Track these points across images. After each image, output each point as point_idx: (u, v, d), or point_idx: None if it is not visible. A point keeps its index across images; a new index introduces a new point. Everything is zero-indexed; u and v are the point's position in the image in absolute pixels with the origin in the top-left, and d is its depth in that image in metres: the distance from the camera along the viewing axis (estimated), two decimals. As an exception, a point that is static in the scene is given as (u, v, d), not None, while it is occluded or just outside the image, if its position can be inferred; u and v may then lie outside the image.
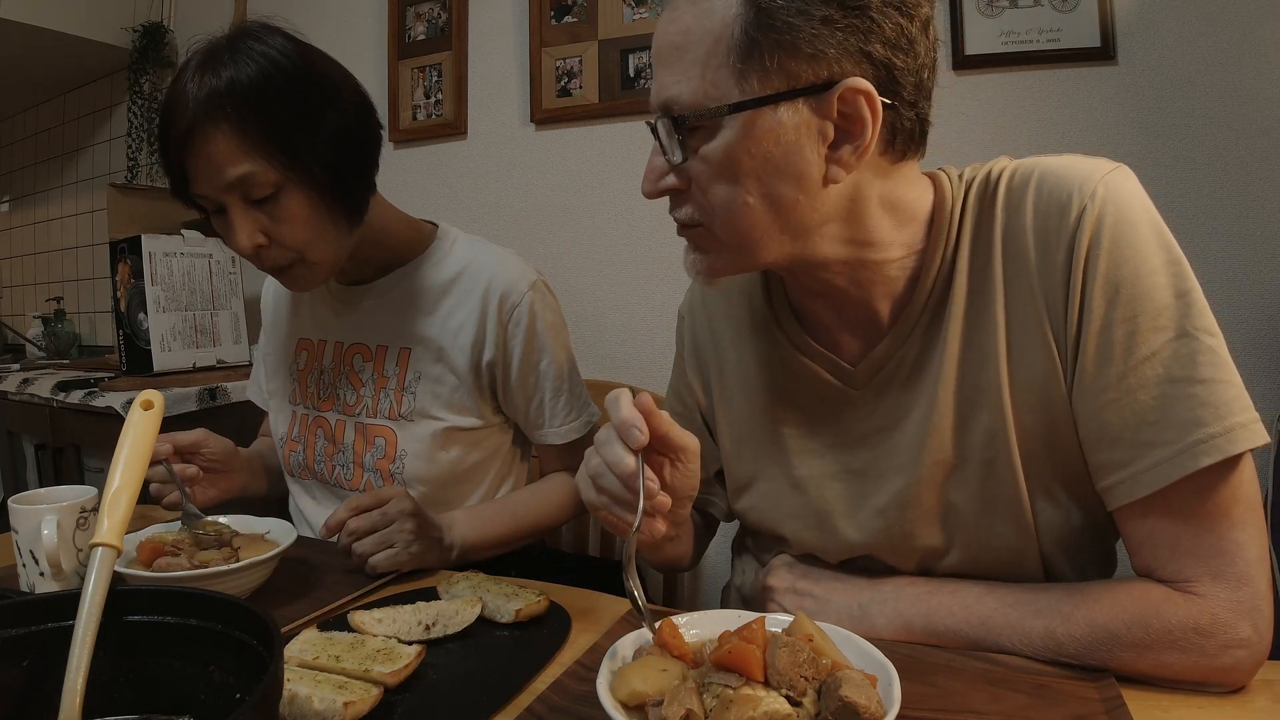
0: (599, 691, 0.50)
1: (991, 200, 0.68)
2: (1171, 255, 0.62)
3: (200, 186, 0.88)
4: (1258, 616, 0.58)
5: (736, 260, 0.69)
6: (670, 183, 0.67)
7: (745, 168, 0.63)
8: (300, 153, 0.87)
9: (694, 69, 0.62)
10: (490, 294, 1.04)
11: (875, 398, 0.73)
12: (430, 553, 0.90)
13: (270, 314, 1.22)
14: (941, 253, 0.69)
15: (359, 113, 0.94)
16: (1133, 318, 0.61)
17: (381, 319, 1.08)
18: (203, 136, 0.84)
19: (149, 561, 0.77)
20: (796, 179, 0.63)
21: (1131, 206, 0.63)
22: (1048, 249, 0.64)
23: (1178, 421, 0.59)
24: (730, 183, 0.64)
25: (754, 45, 0.60)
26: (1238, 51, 1.36)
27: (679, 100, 0.63)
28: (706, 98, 0.62)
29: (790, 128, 0.61)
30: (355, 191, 0.95)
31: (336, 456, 1.08)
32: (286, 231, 0.90)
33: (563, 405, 1.09)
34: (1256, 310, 1.37)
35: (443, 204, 2.03)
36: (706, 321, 0.88)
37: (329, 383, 1.10)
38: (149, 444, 0.60)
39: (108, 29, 2.39)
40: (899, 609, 0.68)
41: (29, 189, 3.07)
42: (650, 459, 0.65)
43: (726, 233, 0.66)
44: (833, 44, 0.59)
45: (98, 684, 0.47)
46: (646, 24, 1.76)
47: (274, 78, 0.85)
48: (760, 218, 0.65)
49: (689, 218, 0.68)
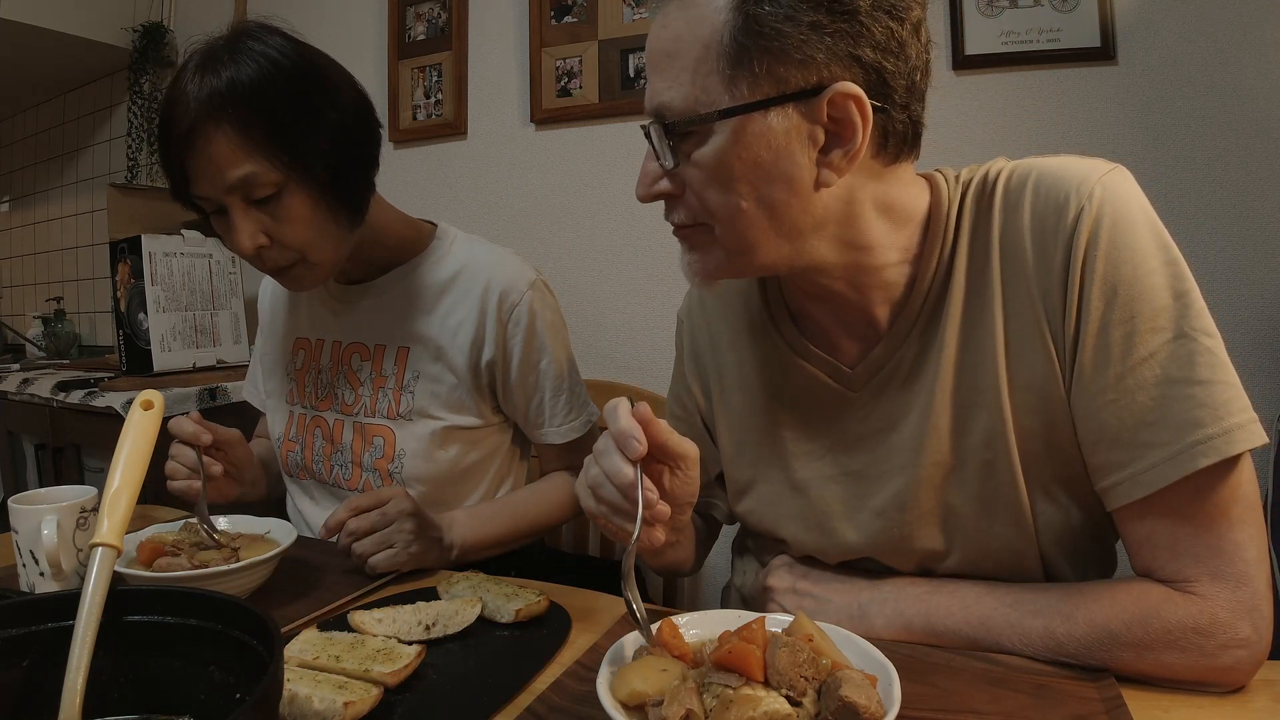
0: (599, 691, 0.50)
1: (989, 201, 0.68)
2: (1169, 256, 0.61)
3: (201, 187, 0.87)
4: (1257, 616, 0.58)
5: (734, 262, 0.69)
6: (664, 187, 0.68)
7: (737, 173, 0.63)
8: (302, 152, 0.87)
9: (684, 75, 0.62)
10: (490, 293, 1.04)
11: (873, 399, 0.73)
12: (430, 553, 0.90)
13: (268, 314, 1.22)
14: (938, 255, 0.69)
15: (359, 112, 0.94)
16: (1130, 318, 0.61)
17: (380, 318, 1.08)
18: (204, 137, 0.84)
19: (149, 561, 0.77)
20: (788, 183, 0.63)
21: (1129, 207, 0.63)
22: (1045, 250, 0.64)
23: (1176, 422, 0.59)
24: (723, 188, 0.64)
25: (743, 51, 0.60)
26: (1238, 51, 1.36)
27: (670, 106, 0.63)
28: (697, 103, 0.62)
29: (780, 133, 0.61)
30: (356, 191, 0.95)
31: (335, 456, 1.08)
32: (288, 232, 0.90)
33: (563, 404, 1.09)
34: (1256, 310, 1.36)
35: (443, 204, 2.03)
36: (705, 325, 0.88)
37: (327, 382, 1.10)
38: (149, 444, 0.60)
39: (108, 29, 2.39)
40: (899, 609, 0.68)
41: (29, 189, 3.07)
42: (650, 467, 0.65)
43: (726, 235, 0.67)
44: (821, 49, 0.59)
45: (98, 684, 0.47)
46: (646, 24, 1.75)
47: (274, 77, 0.85)
48: (755, 221, 0.65)
49: (684, 220, 0.68)
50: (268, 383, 1.19)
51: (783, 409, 0.79)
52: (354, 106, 0.93)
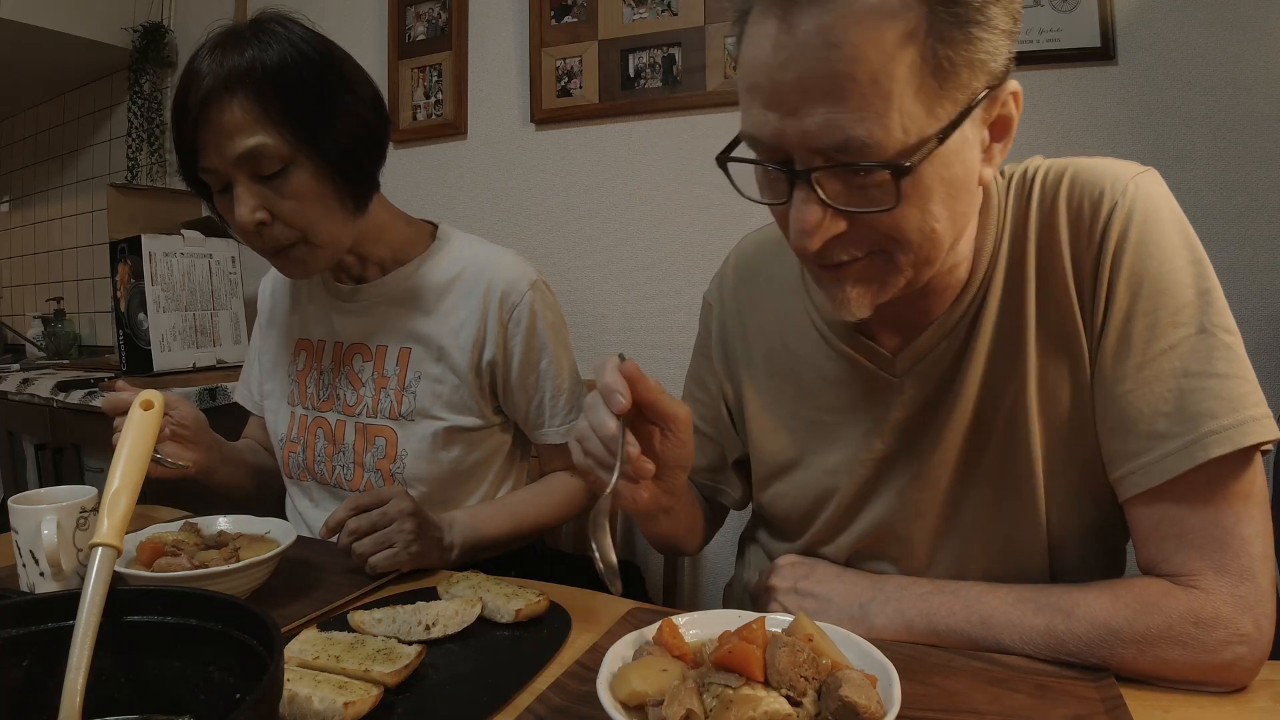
0: (599, 691, 0.50)
1: (1027, 197, 0.70)
2: (1195, 255, 0.63)
3: (209, 159, 0.88)
4: (1260, 613, 0.58)
5: (912, 282, 0.64)
6: (837, 230, 0.59)
7: (936, 194, 0.58)
8: (315, 129, 0.89)
9: (880, 102, 0.53)
10: (491, 293, 1.04)
11: (913, 387, 0.74)
12: (430, 552, 0.90)
13: (267, 314, 1.21)
14: (990, 249, 0.70)
15: (373, 102, 0.97)
16: (1154, 311, 0.62)
17: (381, 319, 1.08)
18: (219, 107, 0.85)
19: (149, 561, 0.77)
20: (969, 192, 0.62)
21: (1160, 206, 0.64)
22: (1080, 242, 0.66)
23: (1191, 413, 0.60)
24: (921, 212, 0.58)
25: (950, 66, 0.54)
26: (1238, 51, 1.36)
27: (869, 142, 0.54)
28: (904, 133, 0.54)
29: (969, 143, 0.59)
30: (363, 177, 0.97)
31: (337, 457, 1.08)
32: (291, 209, 0.90)
33: (563, 404, 1.09)
34: (1257, 310, 1.36)
35: (443, 204, 2.03)
36: (737, 311, 0.88)
37: (328, 383, 1.10)
38: (149, 444, 0.60)
39: (108, 29, 2.39)
40: (900, 609, 0.68)
41: (29, 189, 3.07)
42: (641, 427, 0.66)
43: (912, 259, 0.61)
44: (1004, 52, 0.57)
45: (98, 684, 0.47)
46: (646, 24, 1.76)
47: (297, 59, 0.88)
48: (945, 238, 0.61)
49: (857, 254, 0.61)
50: (267, 382, 1.19)
51: (819, 395, 0.79)
52: (369, 97, 0.96)
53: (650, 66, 1.76)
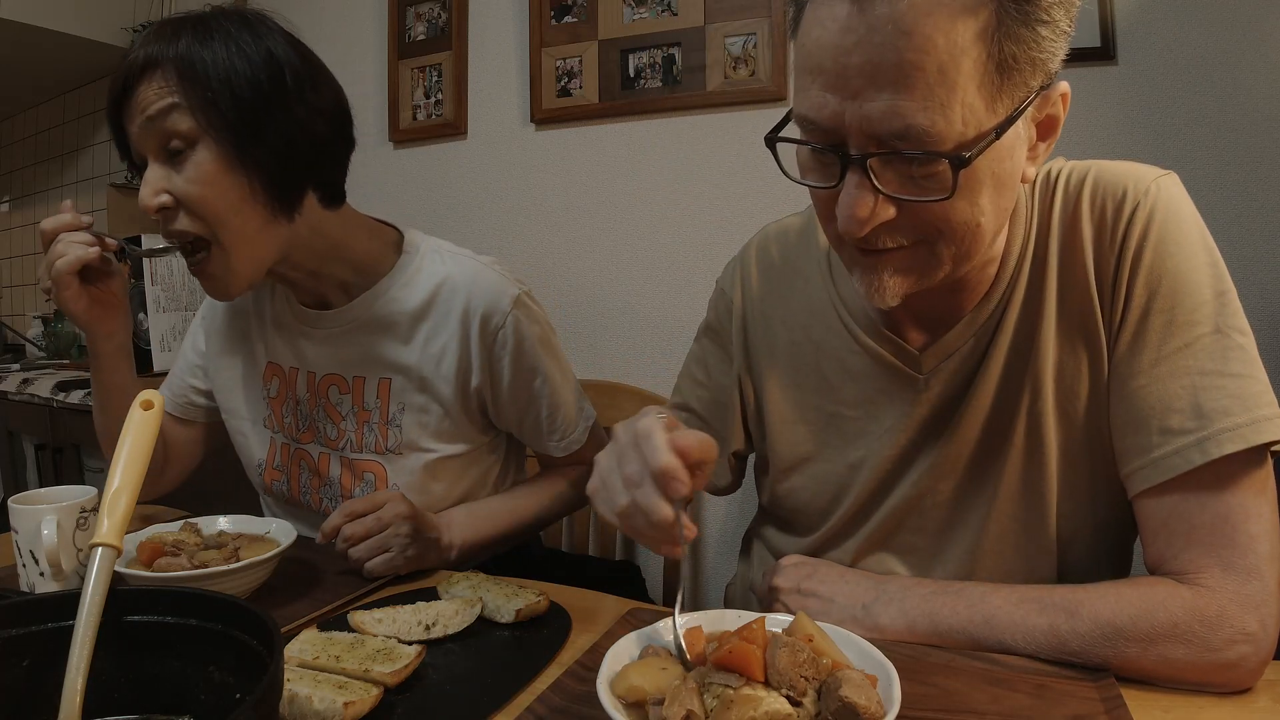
0: (599, 691, 0.50)
1: (1051, 198, 0.70)
2: (1213, 258, 0.65)
3: (131, 132, 0.86)
4: (1265, 612, 0.58)
5: (949, 275, 0.64)
6: (887, 217, 0.59)
7: (987, 186, 0.58)
8: (232, 118, 0.83)
9: (945, 93, 0.53)
10: (470, 316, 0.97)
11: (938, 383, 0.74)
12: (428, 554, 0.89)
13: (222, 326, 1.11)
14: (1019, 247, 0.70)
15: (332, 116, 0.90)
16: (1171, 309, 0.64)
17: (355, 348, 1.00)
18: (142, 82, 0.83)
19: (149, 561, 0.77)
20: (1013, 187, 0.62)
21: (1180, 209, 0.66)
22: (1102, 241, 0.67)
23: (1205, 410, 0.61)
24: (969, 204, 0.58)
25: (1012, 62, 0.54)
26: (1238, 51, 1.36)
27: (930, 132, 0.54)
28: (964, 125, 0.55)
29: (1022, 139, 0.60)
30: (293, 183, 0.89)
31: (324, 490, 1.04)
32: (194, 193, 0.84)
33: (561, 419, 1.06)
34: (1257, 310, 1.36)
35: (443, 204, 2.03)
36: (759, 301, 0.87)
37: (306, 414, 1.04)
38: (149, 444, 0.60)
39: (107, 29, 2.39)
40: (904, 609, 0.68)
41: (29, 189, 3.08)
42: None
43: (953, 251, 0.61)
44: (1061, 52, 0.57)
45: (98, 684, 0.47)
46: (646, 24, 1.76)
47: (233, 51, 0.83)
48: (988, 231, 0.61)
49: (904, 242, 0.61)
50: (229, 400, 1.10)
51: (841, 389, 0.79)
52: (329, 112, 0.90)
53: (650, 66, 1.76)
